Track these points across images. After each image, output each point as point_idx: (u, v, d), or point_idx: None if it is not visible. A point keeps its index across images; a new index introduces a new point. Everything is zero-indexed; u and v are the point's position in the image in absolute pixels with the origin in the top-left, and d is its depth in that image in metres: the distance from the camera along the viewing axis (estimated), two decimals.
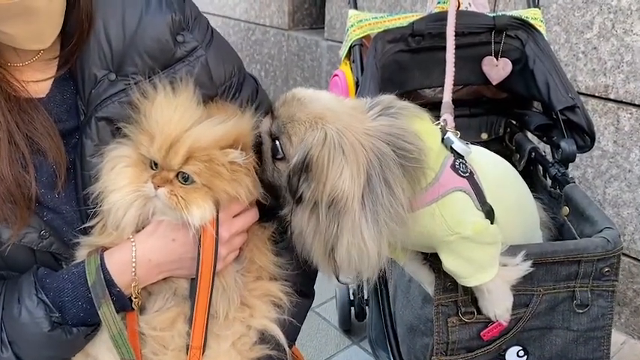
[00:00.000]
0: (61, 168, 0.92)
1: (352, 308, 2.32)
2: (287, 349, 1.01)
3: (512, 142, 1.89)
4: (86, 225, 0.94)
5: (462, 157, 1.08)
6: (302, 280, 1.06)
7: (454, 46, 1.60)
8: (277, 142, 0.90)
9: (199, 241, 0.89)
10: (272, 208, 0.99)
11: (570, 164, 1.60)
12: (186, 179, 0.87)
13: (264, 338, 1.01)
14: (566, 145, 1.54)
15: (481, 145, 1.26)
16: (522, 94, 1.79)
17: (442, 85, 1.88)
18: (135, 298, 0.92)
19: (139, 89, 0.90)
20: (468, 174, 1.07)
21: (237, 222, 0.96)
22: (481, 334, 1.27)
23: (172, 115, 0.87)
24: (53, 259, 0.94)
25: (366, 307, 2.20)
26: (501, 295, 1.20)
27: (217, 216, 0.90)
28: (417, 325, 1.41)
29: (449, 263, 1.10)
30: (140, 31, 0.93)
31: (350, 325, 2.37)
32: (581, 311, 1.29)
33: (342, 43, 1.88)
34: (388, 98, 0.99)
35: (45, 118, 0.91)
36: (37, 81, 0.92)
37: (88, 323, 0.92)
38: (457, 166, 1.06)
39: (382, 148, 0.89)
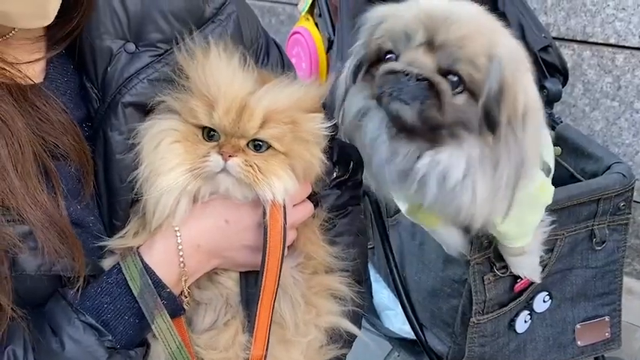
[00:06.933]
0: (88, 173, 0.72)
1: None
2: (361, 335, 0.90)
3: None
4: (120, 233, 0.75)
5: None
6: (358, 268, 0.94)
7: None
8: (455, 75, 0.78)
9: (265, 225, 0.73)
10: (315, 194, 0.86)
11: None
12: (258, 148, 0.72)
13: (332, 337, 0.88)
14: (552, 85, 1.54)
15: None
16: None
17: None
18: (185, 297, 0.75)
19: (178, 51, 0.73)
20: None
21: (296, 212, 0.80)
22: (515, 287, 1.25)
23: (233, 76, 0.71)
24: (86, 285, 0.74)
25: None
26: (536, 254, 1.17)
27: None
28: (441, 288, 1.35)
29: (505, 225, 1.04)
30: None
31: None
32: (599, 248, 1.31)
33: None
34: None
35: (58, 109, 0.70)
36: (27, 62, 0.69)
37: (137, 342, 0.74)
38: None
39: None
